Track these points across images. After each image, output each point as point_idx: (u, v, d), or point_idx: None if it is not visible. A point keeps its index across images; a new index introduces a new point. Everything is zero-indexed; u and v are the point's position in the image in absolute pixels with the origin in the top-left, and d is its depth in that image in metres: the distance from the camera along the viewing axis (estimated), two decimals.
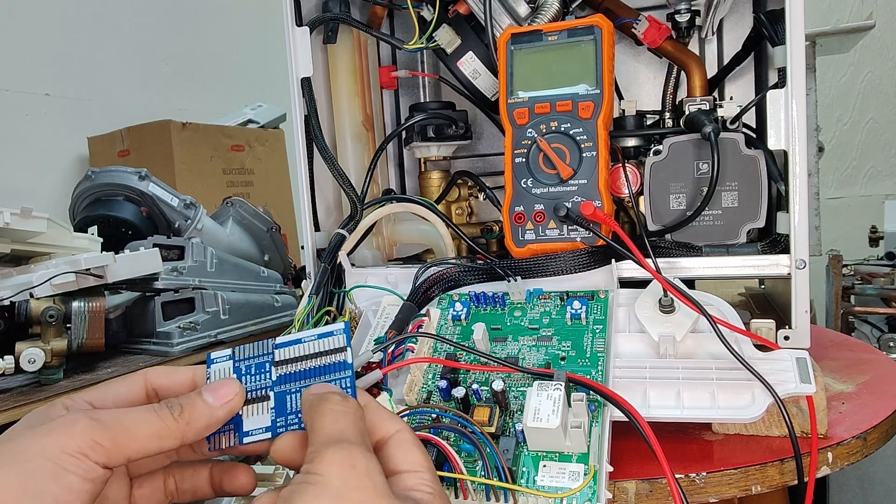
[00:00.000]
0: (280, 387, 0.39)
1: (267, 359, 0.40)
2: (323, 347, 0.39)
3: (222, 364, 0.40)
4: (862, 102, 2.37)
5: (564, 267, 0.63)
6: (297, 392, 0.39)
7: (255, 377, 0.39)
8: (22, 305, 0.79)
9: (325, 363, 0.39)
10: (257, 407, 0.39)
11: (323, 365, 0.39)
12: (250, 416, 0.39)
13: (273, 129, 1.69)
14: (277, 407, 0.39)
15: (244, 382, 0.39)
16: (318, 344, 0.39)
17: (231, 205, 1.24)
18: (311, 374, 0.39)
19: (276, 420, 0.38)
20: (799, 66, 0.61)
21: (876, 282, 1.60)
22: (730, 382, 0.52)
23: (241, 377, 0.39)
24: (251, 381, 0.39)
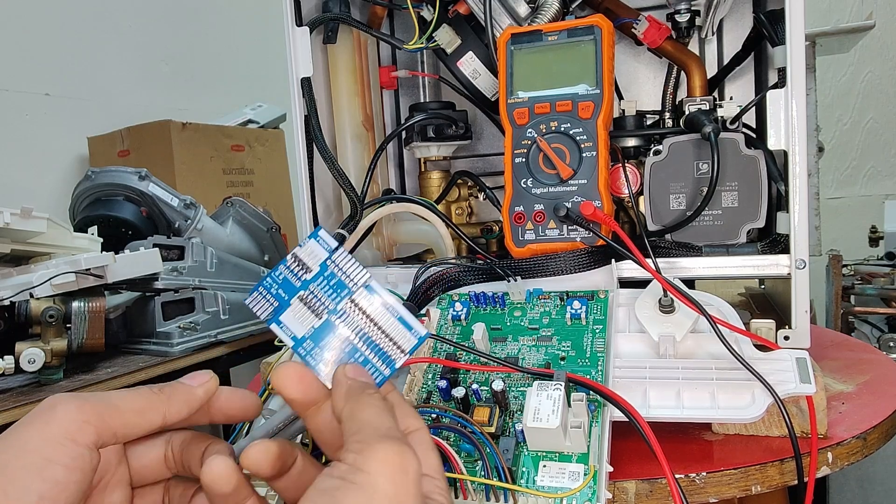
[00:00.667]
0: (336, 319, 0.37)
1: (350, 287, 0.37)
2: (392, 329, 0.37)
3: (317, 248, 0.38)
4: (862, 102, 2.37)
5: (564, 267, 0.63)
6: (342, 338, 0.37)
7: (328, 291, 0.37)
8: (22, 305, 0.79)
9: (386, 336, 0.37)
10: (305, 315, 0.37)
11: (383, 337, 0.37)
12: (294, 317, 0.37)
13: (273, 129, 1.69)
14: (318, 331, 0.37)
15: (315, 282, 0.37)
16: (393, 325, 0.37)
17: (231, 205, 1.24)
18: (366, 337, 0.37)
19: (305, 337, 0.36)
20: (799, 66, 0.61)
21: (876, 282, 1.60)
22: (730, 382, 0.52)
23: (320, 275, 0.37)
24: (324, 289, 0.37)
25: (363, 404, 0.33)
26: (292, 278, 0.37)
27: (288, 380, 0.36)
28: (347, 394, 0.34)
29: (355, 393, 0.34)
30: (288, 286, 0.37)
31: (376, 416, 0.32)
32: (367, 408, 0.33)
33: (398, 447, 0.30)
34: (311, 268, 0.37)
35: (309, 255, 0.37)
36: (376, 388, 0.35)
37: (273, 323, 0.37)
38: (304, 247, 0.38)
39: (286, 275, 0.37)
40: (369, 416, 0.32)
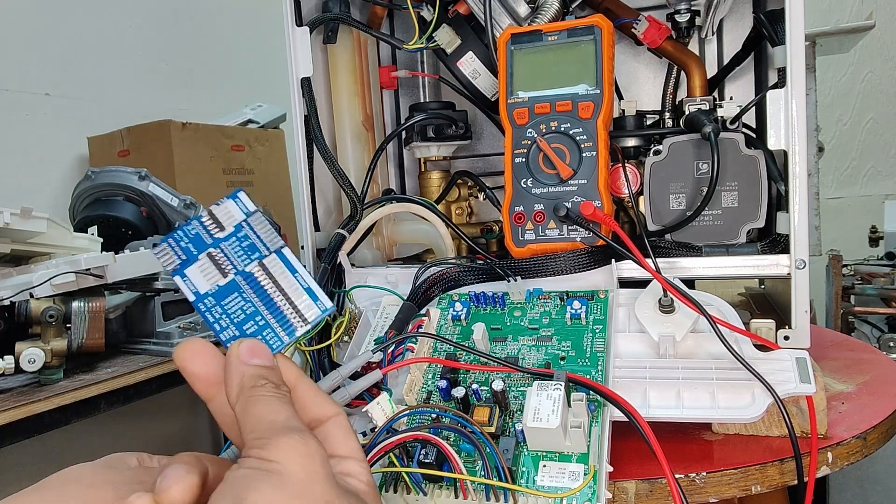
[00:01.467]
0: (243, 280, 0.36)
1: (261, 251, 0.37)
2: (298, 299, 0.36)
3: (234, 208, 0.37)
4: (862, 102, 2.37)
5: (564, 267, 0.63)
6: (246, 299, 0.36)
7: (239, 252, 0.37)
8: (22, 305, 0.79)
9: (290, 305, 0.36)
10: (212, 272, 0.36)
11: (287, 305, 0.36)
12: (200, 272, 0.36)
13: (273, 129, 1.69)
14: (222, 289, 0.36)
15: (227, 241, 0.37)
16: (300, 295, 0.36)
17: None
18: (271, 302, 0.36)
19: (208, 293, 0.36)
20: (799, 66, 0.61)
21: (876, 282, 1.60)
22: (730, 382, 0.52)
23: (233, 235, 0.37)
24: (234, 250, 0.37)
25: (256, 399, 0.33)
26: (204, 235, 0.37)
27: (189, 353, 0.35)
28: (240, 387, 0.34)
29: (248, 385, 0.34)
30: (199, 242, 0.37)
31: (270, 411, 0.32)
32: (260, 404, 0.33)
33: (299, 436, 0.31)
34: (226, 227, 0.37)
35: (225, 214, 0.37)
36: (269, 379, 0.34)
37: (177, 275, 0.36)
38: (221, 205, 0.37)
39: (199, 230, 0.37)
40: (263, 412, 0.32)
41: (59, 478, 0.32)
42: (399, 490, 0.46)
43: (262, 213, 0.38)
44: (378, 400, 0.49)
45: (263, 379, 0.34)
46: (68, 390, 0.80)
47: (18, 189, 1.45)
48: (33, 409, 0.76)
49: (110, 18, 1.70)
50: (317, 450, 0.31)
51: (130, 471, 0.34)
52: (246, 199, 0.37)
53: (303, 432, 0.31)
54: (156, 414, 1.68)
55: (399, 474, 0.46)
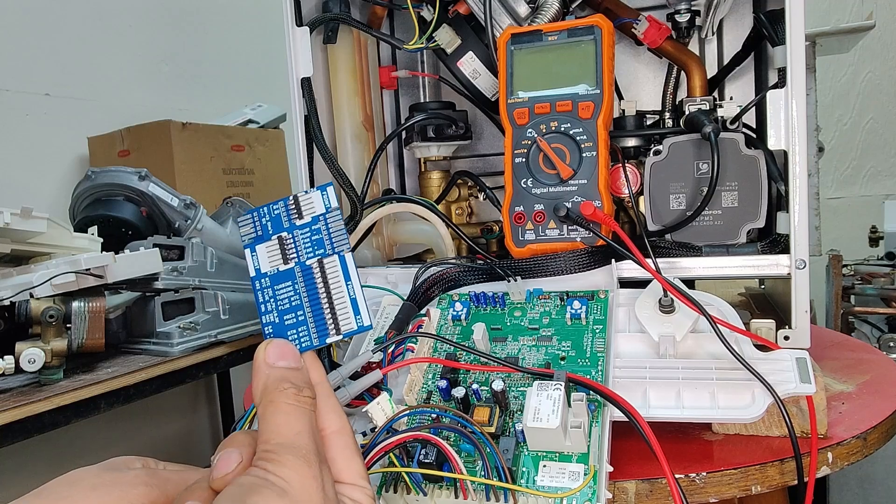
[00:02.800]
0: (300, 271, 0.37)
1: (326, 249, 0.38)
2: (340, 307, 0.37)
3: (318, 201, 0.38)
4: (862, 102, 2.37)
5: (564, 267, 0.63)
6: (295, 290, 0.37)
7: (307, 243, 0.38)
8: (22, 305, 0.79)
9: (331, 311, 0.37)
10: (276, 255, 0.37)
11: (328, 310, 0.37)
12: (267, 252, 0.38)
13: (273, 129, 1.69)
14: (279, 274, 0.37)
15: (301, 230, 0.37)
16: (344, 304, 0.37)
17: (231, 205, 1.24)
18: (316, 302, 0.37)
19: (266, 274, 0.37)
20: (799, 66, 0.61)
21: (876, 282, 1.60)
22: (730, 382, 0.52)
23: (308, 225, 0.38)
24: (304, 240, 0.38)
25: (276, 406, 0.34)
26: (284, 217, 0.38)
27: (274, 352, 0.36)
28: (264, 388, 0.35)
29: (271, 388, 0.34)
30: (277, 223, 0.38)
31: (287, 422, 0.33)
32: (279, 411, 0.34)
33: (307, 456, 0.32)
34: (304, 216, 0.37)
35: (308, 203, 0.38)
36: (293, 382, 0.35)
37: (248, 248, 0.38)
38: (307, 195, 0.38)
39: (280, 212, 0.38)
40: (279, 423, 0.33)
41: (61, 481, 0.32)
42: (399, 490, 0.46)
43: (339, 213, 0.38)
44: (378, 400, 0.49)
45: (287, 382, 0.35)
46: (68, 390, 0.80)
47: (18, 189, 1.45)
48: (33, 409, 0.76)
49: (110, 18, 1.70)
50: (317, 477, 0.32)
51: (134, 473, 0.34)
52: (332, 195, 0.37)
53: (310, 455, 0.32)
54: (156, 414, 1.68)
55: (399, 474, 0.46)
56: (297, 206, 0.38)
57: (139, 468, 0.35)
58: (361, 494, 0.34)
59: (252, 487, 0.30)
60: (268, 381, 0.35)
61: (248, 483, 0.30)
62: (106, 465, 0.34)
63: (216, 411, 1.86)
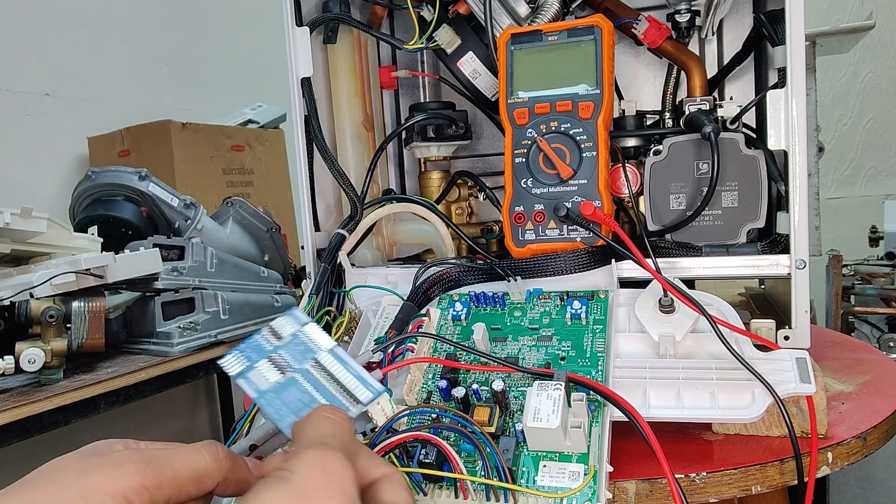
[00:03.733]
0: (299, 376, 0.40)
1: (315, 350, 0.41)
2: (351, 385, 0.40)
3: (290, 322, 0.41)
4: (862, 102, 2.37)
5: (564, 267, 0.63)
6: (303, 390, 0.40)
7: (295, 354, 0.41)
8: (22, 305, 0.79)
9: (342, 398, 0.40)
10: (271, 372, 0.40)
11: (341, 391, 0.40)
12: (260, 374, 0.40)
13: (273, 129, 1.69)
14: (280, 385, 0.40)
15: (284, 348, 0.41)
16: (352, 381, 0.40)
17: (231, 205, 1.24)
18: (325, 390, 0.40)
19: (268, 391, 0.40)
20: (799, 66, 0.61)
21: (876, 282, 1.60)
22: (730, 382, 0.52)
23: (289, 343, 0.41)
24: (291, 353, 0.41)
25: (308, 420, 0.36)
26: (265, 344, 0.42)
27: None
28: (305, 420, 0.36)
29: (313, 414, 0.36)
30: (259, 350, 0.41)
31: (313, 427, 0.35)
32: (309, 422, 0.35)
33: (322, 449, 0.32)
34: (283, 336, 0.41)
35: (281, 327, 0.42)
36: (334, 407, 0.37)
37: (240, 378, 0.40)
38: (278, 321, 0.42)
39: (260, 342, 0.42)
40: (305, 429, 0.35)
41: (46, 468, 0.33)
42: None
43: (315, 323, 0.42)
44: (378, 400, 0.49)
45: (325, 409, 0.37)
46: (68, 390, 0.80)
47: (18, 189, 1.45)
48: (33, 409, 0.76)
49: (110, 18, 1.70)
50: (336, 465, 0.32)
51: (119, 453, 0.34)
52: (300, 314, 0.42)
53: (327, 447, 0.33)
54: (156, 414, 1.68)
55: None
56: (273, 332, 0.42)
57: (121, 449, 0.35)
58: None
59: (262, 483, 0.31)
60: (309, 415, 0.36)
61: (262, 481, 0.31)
62: (89, 450, 0.35)
63: (216, 411, 1.86)
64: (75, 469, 0.32)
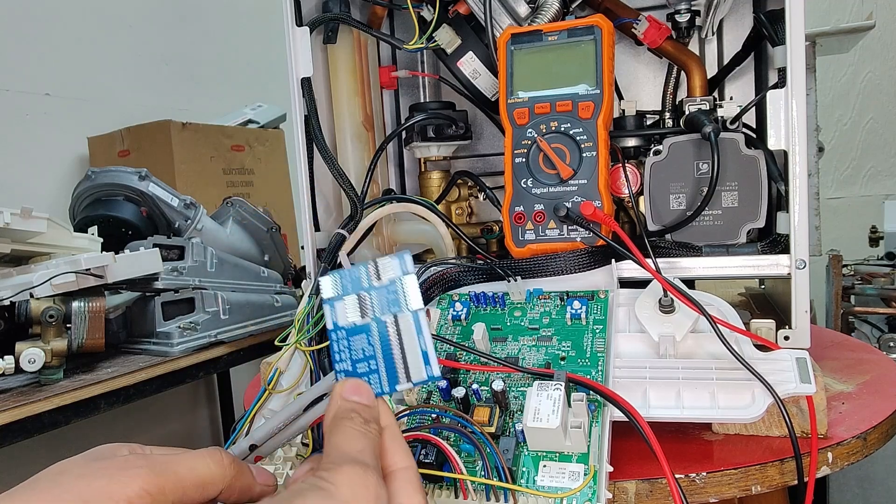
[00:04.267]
0: (375, 325, 0.40)
1: (401, 307, 0.40)
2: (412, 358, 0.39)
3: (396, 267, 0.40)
4: (862, 102, 2.37)
5: (564, 267, 0.63)
6: (369, 341, 0.39)
7: (383, 301, 0.40)
8: (22, 305, 0.79)
9: (403, 361, 0.39)
10: (354, 310, 0.40)
11: (400, 359, 0.39)
12: (345, 308, 0.40)
13: (273, 129, 1.69)
14: (356, 328, 0.39)
15: (378, 290, 0.40)
16: (415, 355, 0.39)
17: (231, 205, 1.24)
18: (388, 352, 0.39)
19: (343, 327, 0.39)
20: (799, 66, 0.61)
21: (876, 282, 1.60)
22: (730, 382, 0.52)
23: (385, 287, 0.40)
24: (380, 299, 0.40)
25: (341, 429, 0.35)
26: (364, 279, 0.40)
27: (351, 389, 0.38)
28: (334, 416, 0.36)
29: (339, 416, 0.36)
30: (356, 283, 0.40)
31: (348, 441, 0.35)
32: (341, 433, 0.35)
33: (363, 468, 0.33)
34: (382, 278, 0.40)
35: (386, 268, 0.40)
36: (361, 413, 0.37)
37: (327, 304, 0.40)
38: (386, 260, 0.41)
39: (360, 275, 0.41)
40: (341, 441, 0.35)
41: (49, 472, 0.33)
42: None
43: (416, 277, 0.41)
44: None
45: (355, 413, 0.37)
46: (68, 390, 0.80)
47: (18, 189, 1.45)
48: (33, 409, 0.76)
49: (110, 18, 1.70)
50: (374, 484, 0.33)
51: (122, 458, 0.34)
52: (409, 262, 0.41)
53: (367, 467, 0.33)
54: (156, 414, 1.68)
55: None
56: (376, 270, 0.41)
57: (126, 454, 0.35)
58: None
59: (299, 491, 0.31)
60: (339, 411, 0.36)
61: (297, 488, 0.31)
62: (93, 454, 0.35)
63: (216, 411, 1.86)
64: (78, 473, 0.32)
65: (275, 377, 0.59)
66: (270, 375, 0.59)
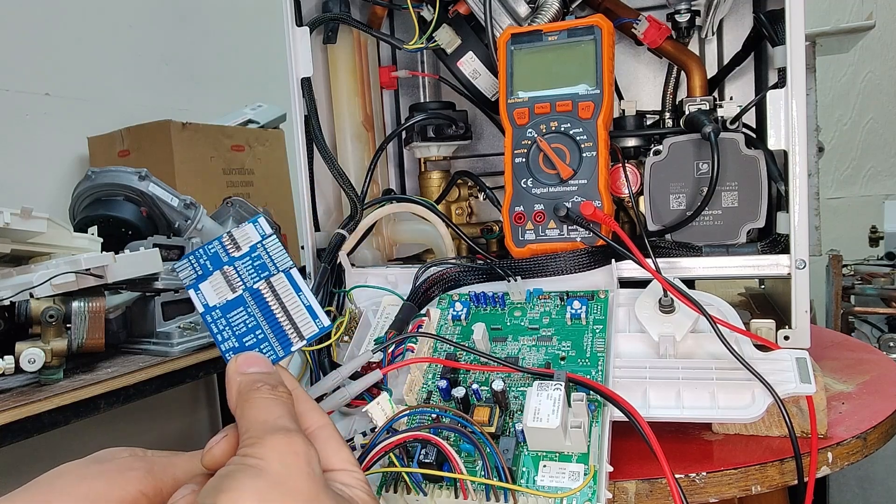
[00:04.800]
0: (249, 296, 0.39)
1: (270, 269, 0.39)
2: (298, 316, 0.38)
3: (252, 232, 0.39)
4: (862, 102, 2.37)
5: (564, 267, 0.63)
6: (249, 313, 0.38)
7: (250, 270, 0.39)
8: (22, 305, 0.79)
9: (289, 321, 0.38)
10: (222, 287, 0.39)
11: (286, 321, 0.38)
12: (212, 287, 0.39)
13: (273, 129, 1.69)
14: (229, 303, 0.38)
15: (241, 260, 0.39)
16: (300, 312, 0.38)
17: (231, 205, 1.24)
18: (272, 317, 0.38)
19: (216, 306, 0.38)
20: (799, 66, 0.61)
21: (876, 282, 1.60)
22: (730, 382, 0.52)
23: (247, 255, 0.39)
24: (247, 268, 0.39)
25: (252, 402, 0.34)
26: (222, 253, 0.39)
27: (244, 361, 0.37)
28: (238, 392, 0.35)
29: (245, 390, 0.35)
30: (215, 259, 0.39)
31: (264, 411, 0.34)
32: (255, 405, 0.34)
33: (286, 435, 0.32)
34: (242, 247, 0.39)
35: (243, 237, 0.39)
36: (266, 381, 0.35)
37: (191, 289, 0.39)
38: (241, 229, 0.40)
39: (217, 249, 0.39)
40: (257, 413, 0.34)
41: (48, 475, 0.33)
42: (399, 490, 0.46)
43: (277, 236, 0.40)
44: (378, 400, 0.49)
45: (260, 382, 0.35)
46: (68, 390, 0.80)
47: (18, 189, 1.45)
48: (33, 409, 0.76)
49: (110, 18, 1.70)
50: (302, 448, 0.31)
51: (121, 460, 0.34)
52: (265, 224, 0.39)
53: (289, 431, 0.32)
54: (156, 414, 1.68)
55: (399, 474, 0.46)
56: (232, 241, 0.40)
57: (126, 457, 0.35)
58: (352, 478, 0.34)
59: (227, 474, 0.30)
60: (241, 386, 0.35)
61: (224, 471, 0.30)
62: (93, 457, 0.35)
63: (216, 411, 1.86)
64: (75, 475, 0.32)
65: None
66: None
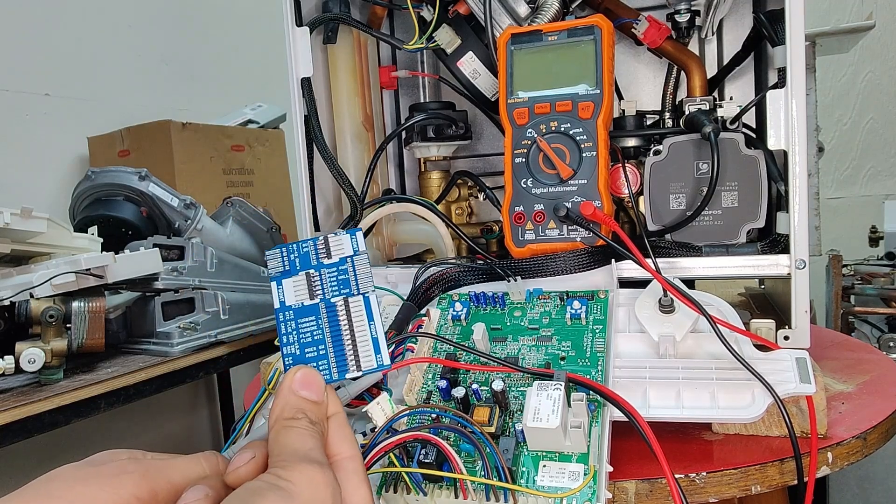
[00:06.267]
0: (324, 308, 0.38)
1: (352, 289, 0.39)
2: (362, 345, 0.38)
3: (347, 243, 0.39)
4: (862, 102, 2.37)
5: (564, 267, 0.63)
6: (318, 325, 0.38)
7: (333, 282, 0.39)
8: (22, 305, 0.79)
9: (353, 348, 0.38)
10: (302, 290, 0.38)
11: (350, 347, 0.38)
12: (293, 286, 0.38)
13: (273, 129, 1.69)
14: (304, 308, 0.38)
15: (328, 269, 0.38)
16: (366, 342, 0.38)
17: (231, 205, 1.24)
18: (338, 338, 0.38)
19: (291, 307, 0.38)
20: (799, 66, 0.61)
21: (876, 282, 1.60)
22: (730, 382, 0.52)
23: (335, 266, 0.39)
24: (331, 279, 0.39)
25: (289, 430, 0.35)
26: (312, 256, 0.39)
27: (301, 380, 0.37)
28: (280, 412, 0.36)
29: (286, 416, 0.36)
30: (305, 260, 0.39)
31: (298, 441, 0.35)
32: (291, 434, 0.35)
33: (318, 466, 0.33)
34: (332, 256, 0.39)
35: (336, 245, 0.39)
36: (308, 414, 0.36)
37: (274, 280, 0.38)
38: (337, 236, 0.39)
39: (309, 250, 0.39)
40: (292, 441, 0.35)
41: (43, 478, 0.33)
42: (399, 490, 0.46)
43: (367, 258, 0.39)
44: (378, 400, 0.49)
45: (302, 413, 0.36)
46: (68, 390, 0.80)
47: (18, 189, 1.45)
48: (33, 409, 0.76)
49: (110, 18, 1.70)
50: (331, 482, 0.33)
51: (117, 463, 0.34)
52: (360, 240, 0.39)
53: (322, 465, 0.33)
54: (156, 414, 1.68)
55: (399, 474, 0.46)
56: (326, 246, 0.39)
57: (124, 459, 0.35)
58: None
59: (257, 491, 0.31)
60: (286, 407, 0.36)
61: (254, 486, 0.31)
62: (89, 461, 0.35)
63: (216, 411, 1.86)
64: (70, 478, 0.32)
65: (275, 377, 0.59)
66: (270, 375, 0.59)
